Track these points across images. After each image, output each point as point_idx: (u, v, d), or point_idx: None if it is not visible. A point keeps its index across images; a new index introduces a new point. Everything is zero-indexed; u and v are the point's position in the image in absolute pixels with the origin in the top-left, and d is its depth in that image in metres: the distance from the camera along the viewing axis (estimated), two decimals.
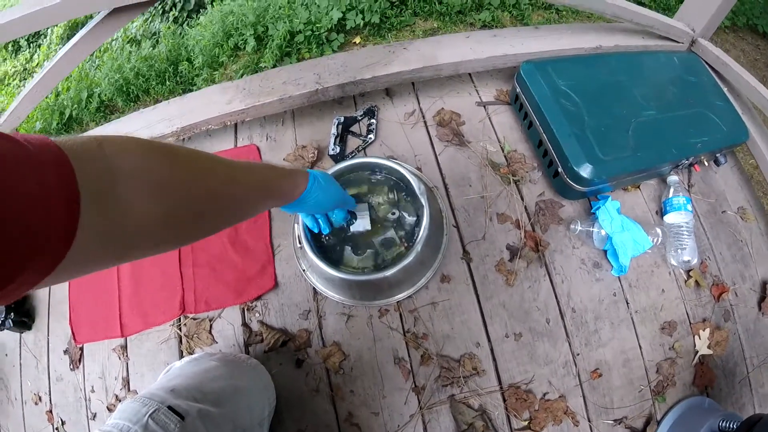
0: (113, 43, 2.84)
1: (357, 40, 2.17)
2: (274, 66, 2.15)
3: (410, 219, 0.95)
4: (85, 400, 1.08)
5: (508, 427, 0.93)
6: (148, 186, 0.39)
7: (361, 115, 1.15)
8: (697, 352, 1.03)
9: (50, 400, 1.12)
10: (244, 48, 2.25)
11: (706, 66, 1.27)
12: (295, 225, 0.94)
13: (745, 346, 1.08)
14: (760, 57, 3.01)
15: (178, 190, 0.43)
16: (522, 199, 1.07)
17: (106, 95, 2.42)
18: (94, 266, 0.37)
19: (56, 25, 3.37)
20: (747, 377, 1.07)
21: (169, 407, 0.64)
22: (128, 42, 2.78)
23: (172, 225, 0.43)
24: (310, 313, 0.99)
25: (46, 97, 2.67)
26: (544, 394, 0.95)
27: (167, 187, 0.42)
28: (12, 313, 1.16)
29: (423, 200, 0.91)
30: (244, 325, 1.01)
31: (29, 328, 1.19)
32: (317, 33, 2.14)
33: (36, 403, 1.13)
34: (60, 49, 1.06)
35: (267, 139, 1.17)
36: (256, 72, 2.10)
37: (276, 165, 0.66)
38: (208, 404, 0.70)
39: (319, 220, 0.86)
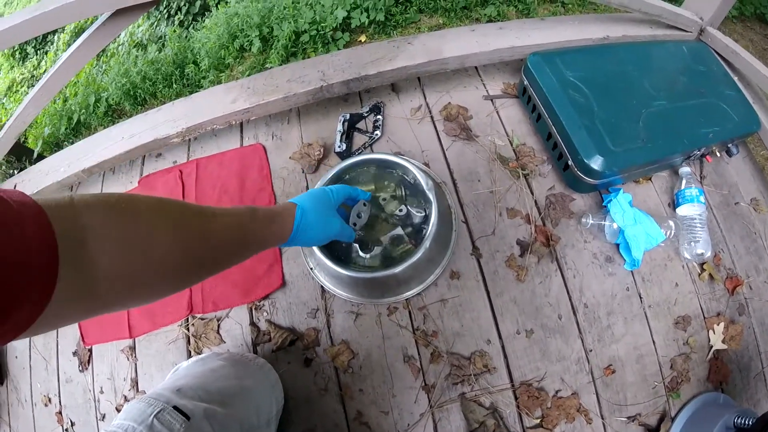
0: (120, 48, 2.86)
1: (362, 38, 2.17)
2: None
3: (418, 215, 0.93)
4: (94, 401, 1.08)
5: (520, 425, 0.92)
6: (110, 242, 0.40)
7: (366, 112, 1.13)
8: (712, 347, 1.01)
9: (60, 402, 1.12)
10: (250, 49, 2.26)
11: (716, 55, 1.25)
12: None
13: (760, 341, 1.06)
14: None
15: (140, 246, 0.43)
16: (532, 193, 1.05)
17: (113, 99, 2.44)
18: (69, 320, 0.38)
19: (63, 31, 3.40)
20: (762, 372, 1.05)
21: (175, 407, 0.63)
22: (134, 46, 2.80)
23: (139, 281, 0.43)
24: (318, 311, 0.98)
25: (54, 103, 2.70)
26: (557, 392, 0.94)
27: (127, 243, 0.41)
28: None
29: (431, 196, 0.90)
30: (252, 324, 1.00)
31: None
32: (322, 32, 2.13)
33: (46, 405, 1.14)
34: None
35: (273, 137, 1.17)
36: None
37: (260, 209, 0.64)
38: (214, 404, 0.69)
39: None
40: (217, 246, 0.54)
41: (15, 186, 1.24)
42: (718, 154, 1.11)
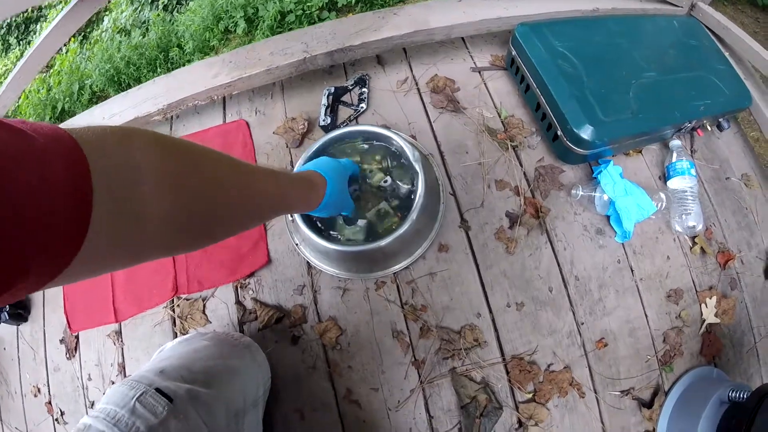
0: (103, 34, 2.81)
1: (349, 16, 2.13)
2: None
3: (405, 187, 0.91)
4: (83, 389, 1.06)
5: (512, 399, 0.90)
6: (170, 187, 0.36)
7: (352, 85, 1.11)
8: (704, 320, 1.00)
9: (49, 392, 1.10)
10: (235, 30, 2.22)
11: (707, 30, 1.23)
12: None
13: (752, 316, 1.06)
14: (760, 30, 2.95)
15: (200, 195, 0.41)
16: (521, 165, 1.04)
17: (97, 86, 2.40)
18: (102, 270, 0.34)
19: (46, 20, 3.34)
20: (755, 347, 1.05)
21: (158, 389, 0.61)
22: (118, 32, 2.74)
23: (187, 229, 0.41)
24: (304, 288, 0.96)
25: (38, 92, 2.65)
26: (549, 365, 0.92)
27: (189, 189, 0.39)
28: (8, 306, 1.14)
29: (417, 167, 0.87)
30: (238, 303, 0.98)
31: (26, 320, 1.17)
32: (308, 12, 2.09)
33: (35, 395, 1.12)
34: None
35: (256, 113, 1.14)
36: None
37: (295, 176, 0.68)
38: (197, 384, 0.67)
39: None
40: (256, 203, 0.53)
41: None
42: (709, 128, 1.10)
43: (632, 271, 0.99)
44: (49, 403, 1.10)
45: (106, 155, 0.31)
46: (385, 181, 0.90)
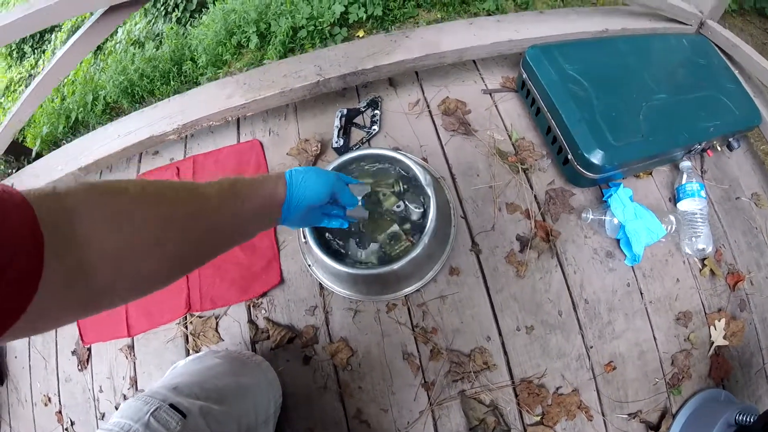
0: (117, 46, 2.84)
1: (360, 33, 2.15)
2: None
3: (417, 211, 0.92)
4: (94, 401, 1.07)
5: (521, 422, 0.91)
6: (102, 218, 0.38)
7: (364, 107, 1.12)
8: (713, 343, 1.00)
9: (59, 401, 1.12)
10: (248, 45, 2.24)
11: (716, 48, 1.24)
12: None
13: (762, 337, 1.05)
14: None
15: (130, 225, 0.40)
16: (531, 188, 1.04)
17: (111, 97, 2.42)
18: (58, 315, 0.36)
19: (60, 30, 3.38)
20: (763, 368, 1.05)
21: (171, 405, 0.63)
22: (132, 44, 2.77)
23: (132, 257, 0.40)
24: (316, 308, 0.98)
25: (52, 102, 2.68)
26: (557, 389, 0.93)
27: (116, 221, 0.39)
28: None
29: (429, 191, 0.89)
30: (250, 322, 0.99)
31: (1, 382, 1.18)
32: (320, 27, 2.12)
33: (46, 405, 1.13)
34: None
35: (270, 133, 1.15)
36: None
37: (242, 177, 0.58)
38: (210, 402, 0.68)
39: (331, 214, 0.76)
40: (214, 222, 0.50)
41: (12, 185, 1.23)
42: (719, 149, 1.10)
43: (642, 293, 1.00)
44: (60, 412, 1.11)
45: (44, 202, 0.33)
46: (398, 206, 0.92)
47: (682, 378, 0.97)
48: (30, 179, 1.19)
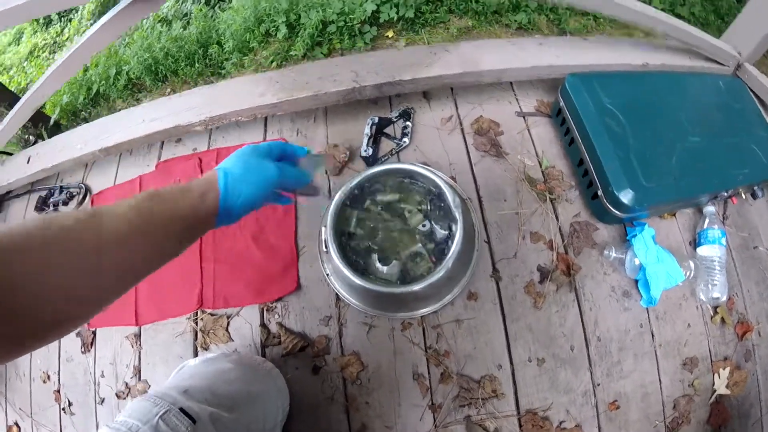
0: (144, 22, 2.79)
1: (390, 33, 2.11)
2: (304, 55, 2.11)
3: (442, 232, 0.92)
4: (94, 384, 1.07)
5: None
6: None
7: (396, 117, 1.10)
8: (715, 390, 1.01)
9: (59, 380, 1.11)
10: (276, 35, 2.20)
11: (750, 93, 1.23)
12: (323, 228, 0.91)
13: (762, 388, 1.06)
14: None
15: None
16: (557, 218, 1.04)
17: (134, 73, 2.38)
18: None
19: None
20: (760, 420, 1.05)
21: (181, 409, 0.62)
22: (159, 21, 2.72)
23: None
24: (331, 319, 0.97)
25: None
26: (561, 422, 0.93)
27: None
28: None
29: (457, 214, 0.88)
30: (263, 325, 0.99)
31: None
32: (350, 24, 2.08)
33: (44, 382, 1.13)
34: (91, 24, 1.01)
35: (297, 134, 1.13)
36: (286, 59, 2.06)
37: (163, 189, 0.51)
38: (221, 408, 0.68)
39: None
40: (128, 262, 0.45)
41: (29, 158, 1.20)
42: (743, 196, 1.10)
43: (653, 336, 1.00)
44: (58, 391, 1.11)
45: None
46: (424, 225, 0.91)
47: (681, 423, 0.98)
48: (53, 154, 1.16)
